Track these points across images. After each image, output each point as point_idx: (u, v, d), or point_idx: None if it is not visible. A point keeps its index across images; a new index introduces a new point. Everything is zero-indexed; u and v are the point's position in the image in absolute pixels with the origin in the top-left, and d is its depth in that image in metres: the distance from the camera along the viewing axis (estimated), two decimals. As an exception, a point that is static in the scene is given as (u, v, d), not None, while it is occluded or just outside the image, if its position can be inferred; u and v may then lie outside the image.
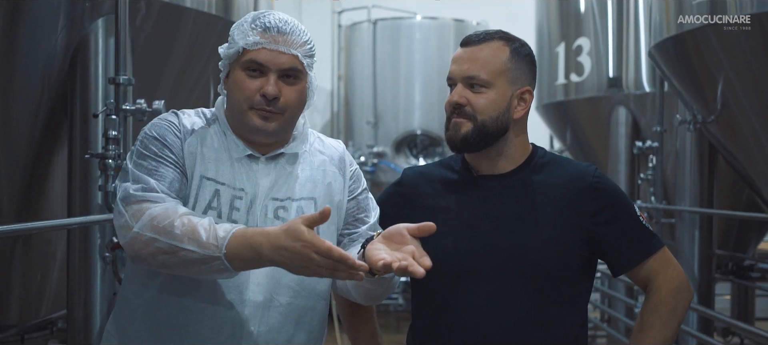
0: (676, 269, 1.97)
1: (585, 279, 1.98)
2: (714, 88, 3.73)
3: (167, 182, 1.71)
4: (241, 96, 1.74)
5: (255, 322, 1.74)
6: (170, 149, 1.74)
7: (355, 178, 1.94)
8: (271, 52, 1.73)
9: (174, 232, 1.60)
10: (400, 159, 7.53)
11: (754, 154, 3.79)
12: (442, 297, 1.95)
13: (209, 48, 3.45)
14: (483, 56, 1.90)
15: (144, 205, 1.65)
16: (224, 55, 1.78)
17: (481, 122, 1.88)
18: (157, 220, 1.62)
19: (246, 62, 1.74)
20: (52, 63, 2.90)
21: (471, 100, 1.89)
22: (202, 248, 1.57)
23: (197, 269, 1.61)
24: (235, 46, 1.75)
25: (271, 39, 1.73)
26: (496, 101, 1.89)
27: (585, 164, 2.03)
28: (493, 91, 1.89)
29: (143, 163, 1.73)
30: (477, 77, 1.89)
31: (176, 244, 1.59)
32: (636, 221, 1.95)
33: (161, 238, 1.61)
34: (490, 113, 1.88)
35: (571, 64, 5.81)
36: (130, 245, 1.66)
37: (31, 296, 3.39)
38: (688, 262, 4.31)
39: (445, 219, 1.96)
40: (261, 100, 1.73)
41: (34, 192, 3.13)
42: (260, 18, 1.75)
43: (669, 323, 1.92)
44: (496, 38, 1.93)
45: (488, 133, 1.89)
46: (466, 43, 1.95)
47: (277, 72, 1.74)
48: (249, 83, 1.74)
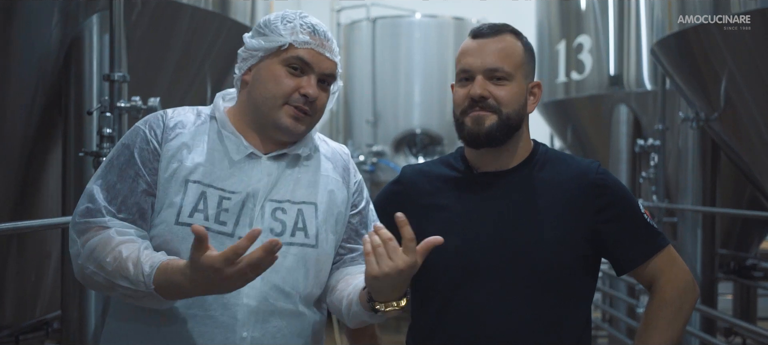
0: (682, 268, 1.93)
1: (588, 277, 1.94)
2: (717, 86, 3.70)
3: (120, 200, 1.67)
4: (279, 91, 1.72)
5: (248, 328, 1.70)
6: (137, 159, 1.71)
7: (358, 190, 1.90)
8: (318, 54, 1.75)
9: (106, 268, 1.60)
10: (400, 158, 7.50)
11: (758, 151, 3.76)
12: (443, 296, 1.91)
13: (206, 45, 3.42)
14: (502, 48, 1.87)
15: (89, 234, 1.64)
16: (258, 46, 1.75)
17: (506, 115, 1.85)
18: (96, 253, 1.62)
19: (290, 58, 1.73)
20: (47, 59, 2.87)
21: (494, 93, 1.85)
22: (133, 284, 1.57)
23: (140, 302, 1.60)
24: (279, 40, 1.73)
25: (319, 42, 1.75)
26: (518, 94, 1.87)
27: (588, 161, 1.99)
28: (514, 83, 1.86)
29: (107, 176, 1.71)
30: (501, 69, 1.85)
31: (111, 279, 1.59)
32: (641, 219, 1.92)
33: (99, 273, 1.61)
34: (513, 106, 1.86)
35: (572, 62, 5.78)
36: (80, 275, 1.67)
37: (25, 296, 3.36)
38: (690, 261, 4.28)
39: (445, 217, 1.93)
40: (300, 99, 1.72)
41: (28, 190, 3.10)
42: (307, 18, 1.77)
43: (674, 323, 1.88)
44: (506, 31, 1.91)
45: (512, 127, 1.87)
46: (478, 35, 1.90)
47: (319, 74, 1.75)
48: (288, 80, 1.73)
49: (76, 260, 1.66)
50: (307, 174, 1.81)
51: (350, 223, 1.86)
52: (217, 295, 1.65)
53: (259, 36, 1.76)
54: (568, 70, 5.85)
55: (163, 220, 1.68)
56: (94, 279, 1.62)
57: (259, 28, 1.77)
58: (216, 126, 1.78)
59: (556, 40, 6.02)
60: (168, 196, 1.69)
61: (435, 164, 2.06)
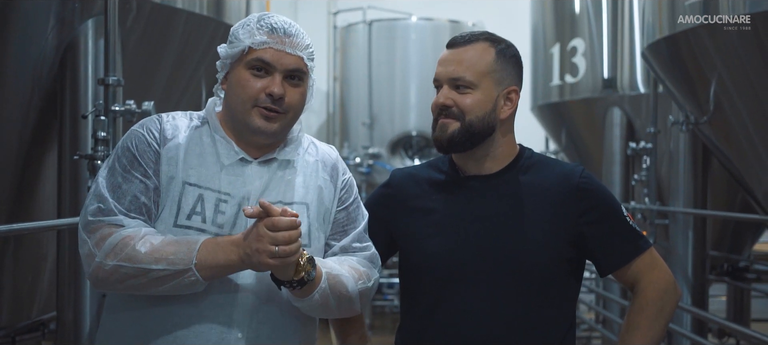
0: (663, 270, 1.96)
1: (573, 280, 1.97)
2: (707, 89, 3.72)
3: (128, 200, 1.70)
4: (245, 95, 1.74)
5: (244, 327, 1.73)
6: (140, 161, 1.74)
7: (346, 188, 1.92)
8: (277, 52, 1.74)
9: (138, 255, 1.63)
10: (396, 160, 7.52)
11: (747, 154, 3.79)
12: (429, 298, 1.94)
13: (201, 49, 3.44)
14: (468, 57, 1.90)
15: (104, 231, 1.67)
16: (225, 54, 1.77)
17: (468, 122, 1.89)
18: (120, 246, 1.64)
19: (251, 61, 1.74)
20: (42, 64, 2.89)
21: (457, 101, 1.90)
22: (172, 264, 1.63)
23: (168, 286, 1.65)
24: (240, 44, 1.75)
25: (278, 39, 1.74)
26: (482, 101, 1.90)
27: (572, 164, 2.02)
28: (478, 91, 1.90)
29: (111, 178, 1.73)
30: (462, 79, 1.89)
31: (143, 265, 1.63)
32: (623, 222, 1.95)
33: (125, 264, 1.64)
34: (477, 113, 1.89)
35: (566, 65, 5.81)
36: (94, 274, 1.68)
37: (22, 298, 3.38)
38: (681, 263, 4.30)
39: (433, 220, 1.96)
40: (266, 99, 1.73)
41: (24, 193, 3.12)
42: (266, 18, 1.76)
43: (656, 324, 1.91)
44: (481, 39, 1.93)
45: (475, 133, 1.90)
46: (451, 44, 1.95)
47: (283, 72, 1.74)
48: (253, 82, 1.73)
49: (91, 259, 1.67)
50: (298, 176, 1.83)
51: (336, 219, 1.88)
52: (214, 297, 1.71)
53: (228, 44, 1.79)
54: (562, 73, 5.87)
55: (162, 221, 1.72)
56: (119, 272, 1.64)
57: (229, 37, 1.80)
58: (208, 130, 1.81)
59: (551, 44, 6.05)
60: (168, 198, 1.72)
61: (424, 168, 2.09)
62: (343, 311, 1.82)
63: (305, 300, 1.71)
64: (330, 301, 1.75)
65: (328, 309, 1.77)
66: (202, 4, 3.31)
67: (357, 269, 1.83)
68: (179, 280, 1.64)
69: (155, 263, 1.63)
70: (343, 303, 1.78)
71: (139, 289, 1.67)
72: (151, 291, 1.67)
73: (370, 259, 1.89)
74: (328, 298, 1.74)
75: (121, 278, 1.65)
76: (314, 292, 1.71)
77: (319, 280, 1.71)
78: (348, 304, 1.80)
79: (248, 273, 1.72)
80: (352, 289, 1.79)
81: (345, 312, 1.84)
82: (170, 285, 1.65)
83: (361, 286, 1.82)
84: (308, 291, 1.70)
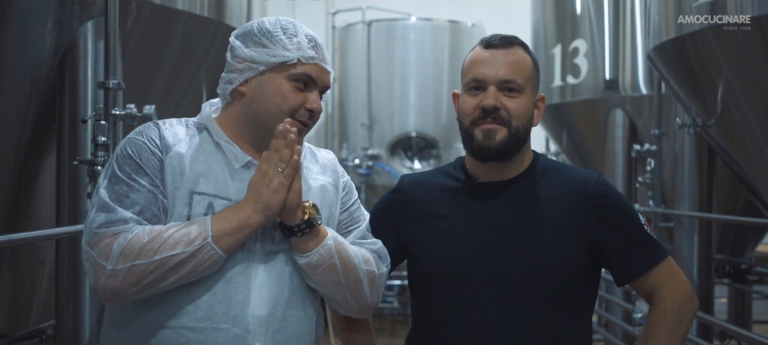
0: (681, 280, 1.92)
1: (589, 288, 1.93)
2: (714, 92, 3.69)
3: (138, 209, 1.66)
4: (286, 106, 1.73)
5: (260, 337, 1.70)
6: (145, 169, 1.69)
7: (347, 190, 1.92)
8: (322, 69, 1.77)
9: (152, 247, 1.60)
10: (395, 161, 7.49)
11: (754, 157, 3.76)
12: (442, 307, 1.90)
13: (201, 51, 3.40)
14: (515, 60, 1.87)
15: (107, 241, 1.62)
16: (257, 59, 1.73)
17: (516, 128, 1.85)
18: (128, 249, 1.60)
19: (298, 75, 1.73)
20: (41, 66, 2.85)
21: (506, 104, 1.85)
22: (189, 245, 1.61)
23: (187, 269, 1.62)
24: (284, 55, 1.72)
25: (322, 56, 1.77)
26: (528, 107, 1.88)
27: (588, 171, 1.98)
28: (524, 96, 1.87)
29: (115, 187, 1.68)
30: (514, 81, 1.85)
31: (161, 255, 1.60)
32: (640, 230, 1.91)
33: (140, 262, 1.60)
34: (522, 119, 1.86)
35: (568, 66, 5.78)
36: (105, 284, 1.62)
37: (19, 305, 3.33)
38: (686, 266, 4.27)
39: (445, 227, 1.92)
40: (305, 114, 1.75)
41: (22, 198, 3.07)
42: (308, 32, 1.78)
43: (674, 335, 1.87)
44: (517, 44, 1.91)
45: (520, 140, 1.87)
46: (490, 45, 1.89)
47: (322, 88, 1.78)
48: (296, 96, 1.74)
49: (100, 270, 1.62)
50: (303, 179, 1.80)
51: (340, 221, 1.88)
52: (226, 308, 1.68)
53: (256, 46, 1.74)
54: (563, 74, 5.84)
55: None
56: (134, 273, 1.60)
57: (255, 38, 1.74)
58: (208, 136, 1.77)
59: (552, 44, 6.02)
60: (176, 209, 1.69)
61: (433, 174, 2.05)
62: (350, 283, 1.78)
63: (312, 254, 1.71)
64: (336, 263, 1.74)
65: (335, 272, 1.74)
66: (203, 5, 3.27)
67: (362, 252, 1.82)
68: (198, 259, 1.62)
69: (171, 249, 1.60)
70: (350, 273, 1.76)
71: (156, 284, 1.62)
72: (170, 281, 1.62)
73: (377, 252, 1.87)
74: (334, 257, 1.73)
75: (138, 279, 1.60)
76: (321, 245, 1.71)
77: (325, 235, 1.73)
78: (355, 277, 1.77)
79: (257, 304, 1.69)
80: (356, 257, 1.78)
81: (352, 286, 1.78)
82: (189, 267, 1.62)
83: (369, 268, 1.80)
84: (315, 241, 1.71)
